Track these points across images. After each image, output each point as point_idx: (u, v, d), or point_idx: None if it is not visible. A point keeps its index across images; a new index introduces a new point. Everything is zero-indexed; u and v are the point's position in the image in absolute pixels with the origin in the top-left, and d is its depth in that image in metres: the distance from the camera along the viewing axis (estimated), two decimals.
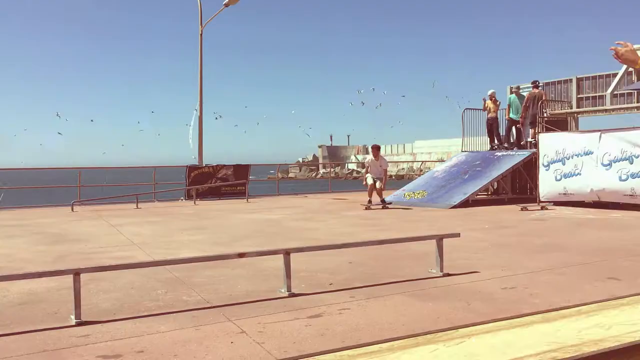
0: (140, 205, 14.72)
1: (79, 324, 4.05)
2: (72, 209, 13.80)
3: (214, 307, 4.51)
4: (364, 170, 14.38)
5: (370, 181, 13.56)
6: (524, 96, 15.96)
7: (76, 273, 4.22)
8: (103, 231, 9.64)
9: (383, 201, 13.49)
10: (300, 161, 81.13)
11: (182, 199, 17.01)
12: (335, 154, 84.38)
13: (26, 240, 8.64)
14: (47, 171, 20.77)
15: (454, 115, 53.99)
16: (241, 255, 5.17)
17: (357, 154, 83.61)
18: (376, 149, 14.08)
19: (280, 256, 4.97)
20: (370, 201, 13.41)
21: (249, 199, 16.52)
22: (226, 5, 18.73)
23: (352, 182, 55.92)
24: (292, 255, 4.97)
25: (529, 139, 15.35)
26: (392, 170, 67.51)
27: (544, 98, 15.63)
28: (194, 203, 15.64)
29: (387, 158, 15.76)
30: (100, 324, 4.06)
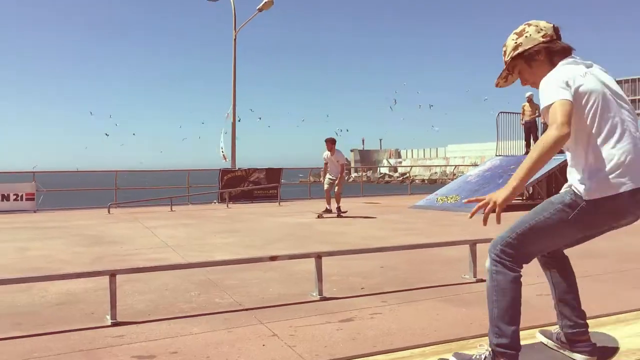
0: (174, 207, 14.93)
1: (114, 325, 4.13)
2: (109, 211, 14.08)
3: (246, 309, 4.54)
4: (322, 169, 13.04)
5: (326, 185, 12.55)
6: None
7: (112, 274, 4.30)
8: (138, 233, 9.81)
9: (339, 209, 12.29)
10: None
11: (215, 202, 17.19)
12: (367, 158, 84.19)
13: (65, 241, 8.85)
14: (85, 174, 21.24)
15: (488, 118, 53.25)
16: (273, 258, 5.20)
17: (389, 157, 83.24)
18: (331, 142, 12.50)
19: (312, 259, 4.97)
20: (328, 209, 12.50)
21: (281, 203, 16.60)
22: (260, 10, 18.89)
23: (385, 186, 55.80)
24: (323, 258, 4.97)
25: None
26: (424, 174, 67.40)
27: None
28: (227, 206, 15.79)
29: (420, 162, 15.48)
30: (135, 325, 4.13)
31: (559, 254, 2.94)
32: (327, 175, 12.56)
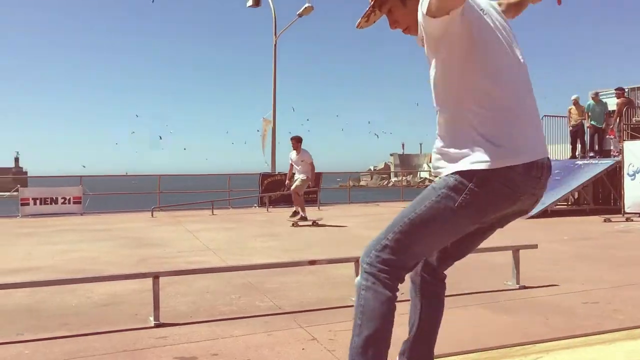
0: (215, 211, 15.13)
1: (157, 326, 4.21)
2: (152, 215, 14.37)
3: (285, 313, 4.56)
4: (287, 173, 12.03)
5: (293, 186, 11.45)
6: (603, 102, 15.26)
7: (155, 276, 4.39)
8: (180, 236, 9.98)
9: (298, 214, 11.22)
10: (372, 169, 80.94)
11: (255, 206, 17.35)
12: (407, 162, 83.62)
13: (110, 244, 9.07)
14: (131, 177, 21.75)
15: None
16: (312, 262, 5.21)
17: (430, 162, 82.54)
18: (296, 140, 11.48)
19: (351, 264, 4.97)
20: (298, 214, 11.39)
21: (320, 207, 16.63)
22: (299, 15, 19.01)
23: None
24: None
25: (613, 147, 14.65)
26: None
27: (631, 105, 14.91)
28: (267, 210, 15.92)
29: None
30: (177, 326, 4.20)
31: (441, 275, 2.48)
32: (297, 176, 11.47)
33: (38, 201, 14.77)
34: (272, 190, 17.53)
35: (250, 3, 19.62)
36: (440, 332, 3.74)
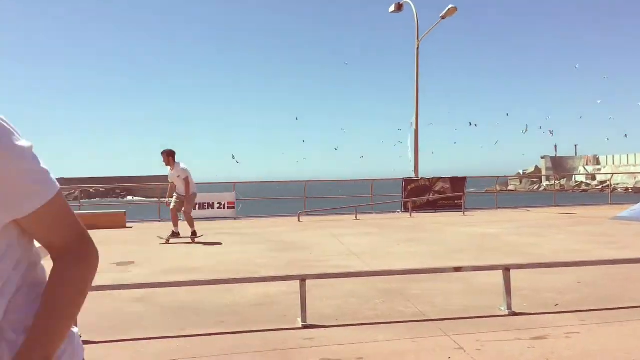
0: (359, 216, 15.32)
1: (304, 327, 4.35)
2: (299, 219, 14.90)
3: (430, 320, 4.49)
4: (168, 190, 10.80)
5: (172, 204, 10.41)
6: None
7: (302, 279, 4.55)
8: (325, 240, 10.23)
9: (193, 234, 10.35)
10: (521, 173, 77.06)
11: (398, 212, 17.29)
12: (560, 165, 78.52)
13: (260, 247, 9.55)
14: (279, 184, 22.77)
15: None
16: (457, 269, 5.08)
17: (586, 164, 76.80)
18: (167, 154, 10.22)
19: (498, 272, 4.77)
20: (174, 232, 10.40)
21: (465, 212, 16.17)
22: (443, 17, 18.69)
23: (581, 196, 51.44)
24: (512, 271, 4.74)
25: None
26: (628, 182, 60.77)
27: None
28: (410, 215, 15.79)
29: (623, 169, 13.75)
30: (323, 329, 4.31)
31: None
32: (175, 194, 10.47)
33: (197, 206, 15.97)
34: (415, 195, 17.37)
35: (392, 9, 19.67)
36: (600, 347, 3.45)
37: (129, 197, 67.06)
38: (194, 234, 10.45)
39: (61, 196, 1.12)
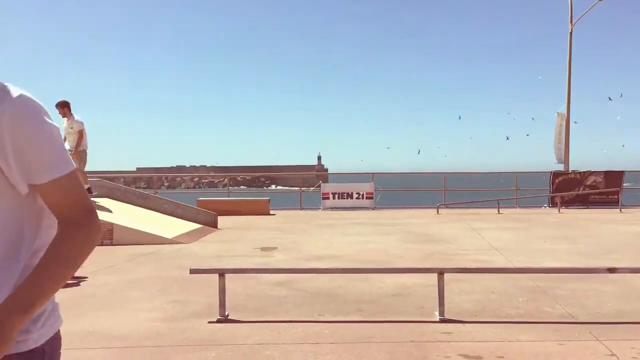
0: (501, 210, 14.73)
1: (442, 321, 4.29)
2: (437, 211, 14.65)
3: (579, 323, 4.22)
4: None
5: None
6: None
7: (440, 272, 4.48)
8: (465, 234, 9.97)
9: (89, 190, 9.72)
10: None
11: (545, 206, 16.36)
12: None
13: (397, 237, 9.54)
14: (417, 175, 22.56)
15: None
16: (611, 270, 4.71)
17: None
18: (61, 105, 9.59)
19: None
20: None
21: (622, 209, 14.89)
22: None
23: None
24: None
25: None
26: None
27: None
28: (558, 211, 14.87)
29: None
30: (461, 324, 4.22)
31: None
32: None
33: (337, 195, 16.33)
34: (564, 189, 16.32)
35: None
36: None
37: (273, 186, 70.26)
38: (89, 190, 10.00)
39: (76, 174, 1.29)
